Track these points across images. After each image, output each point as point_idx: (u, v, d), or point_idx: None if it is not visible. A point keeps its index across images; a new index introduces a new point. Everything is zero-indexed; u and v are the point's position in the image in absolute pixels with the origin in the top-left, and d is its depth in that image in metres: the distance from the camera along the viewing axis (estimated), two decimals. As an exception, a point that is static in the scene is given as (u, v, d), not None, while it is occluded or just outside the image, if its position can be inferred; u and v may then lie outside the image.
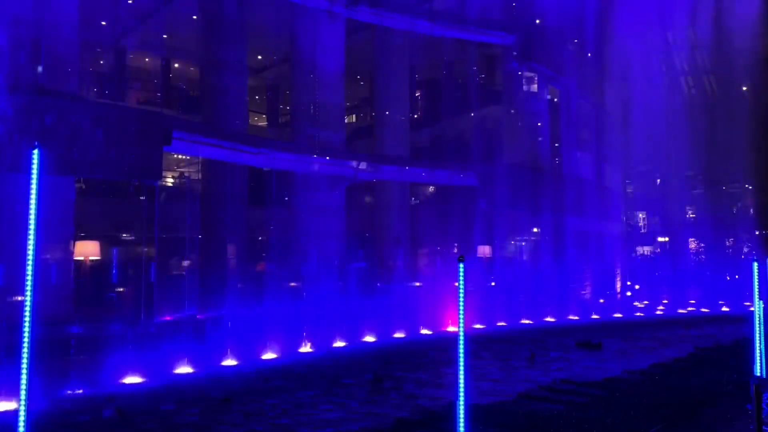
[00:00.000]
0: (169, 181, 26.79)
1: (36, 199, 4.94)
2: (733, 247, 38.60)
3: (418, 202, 30.44)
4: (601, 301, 29.41)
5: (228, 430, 8.53)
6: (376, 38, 28.86)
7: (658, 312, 26.70)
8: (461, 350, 5.88)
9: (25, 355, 4.88)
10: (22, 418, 4.88)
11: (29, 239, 4.92)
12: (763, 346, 8.27)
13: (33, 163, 4.96)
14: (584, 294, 30.17)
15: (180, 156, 23.85)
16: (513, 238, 29.32)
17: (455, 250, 27.69)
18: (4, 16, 15.53)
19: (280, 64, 30.35)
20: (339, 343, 16.23)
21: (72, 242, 17.40)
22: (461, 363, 5.87)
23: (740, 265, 30.90)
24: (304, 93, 23.97)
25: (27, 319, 4.90)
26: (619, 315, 25.15)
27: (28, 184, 4.93)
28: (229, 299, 19.65)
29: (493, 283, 25.12)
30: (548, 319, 22.33)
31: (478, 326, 19.63)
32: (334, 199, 23.97)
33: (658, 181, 58.49)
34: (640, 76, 33.34)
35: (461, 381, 5.84)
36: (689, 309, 27.09)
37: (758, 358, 7.86)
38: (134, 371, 11.72)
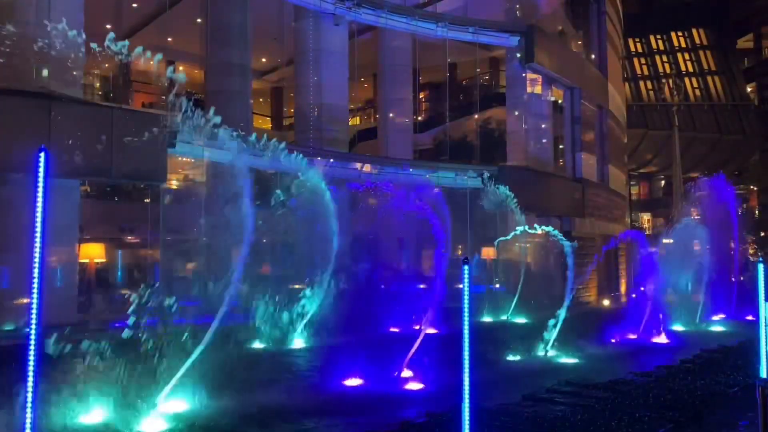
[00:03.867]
0: (174, 184, 26.81)
1: (42, 201, 4.96)
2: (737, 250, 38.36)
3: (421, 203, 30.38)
4: (606, 303, 29.37)
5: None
6: (379, 40, 28.92)
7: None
8: (465, 351, 5.88)
9: (31, 357, 4.90)
10: (28, 420, 4.89)
11: (36, 241, 4.93)
12: (769, 348, 8.22)
13: (39, 166, 4.98)
14: (588, 296, 30.10)
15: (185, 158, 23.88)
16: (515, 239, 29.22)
17: (459, 252, 27.65)
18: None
19: (284, 67, 30.42)
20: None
21: (77, 245, 17.43)
22: (465, 365, 5.86)
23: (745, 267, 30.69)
24: (307, 95, 24.01)
25: (33, 321, 4.91)
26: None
27: (35, 186, 4.95)
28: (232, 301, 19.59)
29: (497, 285, 25.07)
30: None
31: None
32: (337, 201, 23.94)
33: (662, 182, 58.32)
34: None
35: (466, 383, 5.83)
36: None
37: (764, 360, 7.82)
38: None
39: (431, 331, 11.84)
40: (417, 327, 17.08)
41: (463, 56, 31.75)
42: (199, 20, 24.61)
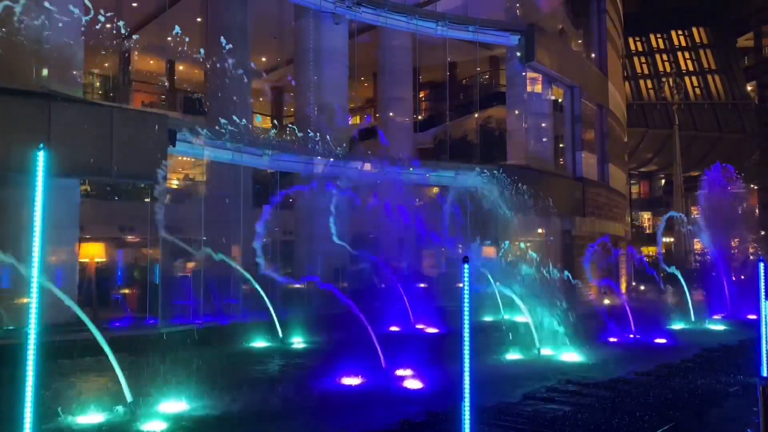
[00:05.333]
0: (174, 183, 26.82)
1: (41, 201, 4.95)
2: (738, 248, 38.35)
3: (422, 203, 30.39)
4: (607, 302, 29.31)
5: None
6: (379, 39, 28.88)
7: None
8: (466, 350, 5.87)
9: (31, 357, 4.89)
10: (28, 420, 4.89)
11: (35, 241, 4.92)
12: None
13: (38, 165, 4.98)
14: (590, 296, 30.08)
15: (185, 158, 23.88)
16: (517, 239, 29.22)
17: (459, 251, 27.63)
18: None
19: (284, 66, 30.42)
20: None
21: (77, 244, 17.42)
22: (466, 364, 5.85)
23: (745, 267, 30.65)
24: (307, 94, 23.99)
25: (33, 321, 4.90)
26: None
27: (34, 185, 4.94)
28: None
29: (498, 284, 25.04)
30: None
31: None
32: (338, 200, 23.94)
33: (662, 181, 58.30)
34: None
35: (466, 382, 5.82)
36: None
37: (764, 358, 7.80)
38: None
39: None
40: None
41: (463, 55, 31.73)
42: (199, 20, 24.60)
